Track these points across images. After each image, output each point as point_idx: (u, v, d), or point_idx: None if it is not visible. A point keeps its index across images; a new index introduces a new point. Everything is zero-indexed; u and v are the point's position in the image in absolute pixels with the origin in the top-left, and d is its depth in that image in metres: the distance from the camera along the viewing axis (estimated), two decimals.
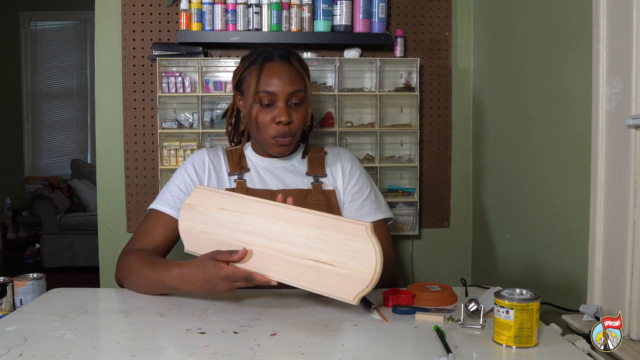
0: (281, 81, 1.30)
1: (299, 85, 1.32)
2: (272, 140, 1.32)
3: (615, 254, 1.16)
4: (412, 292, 1.12)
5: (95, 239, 2.00)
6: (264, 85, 1.30)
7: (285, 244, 1.00)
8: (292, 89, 1.31)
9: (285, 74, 1.31)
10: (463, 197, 2.09)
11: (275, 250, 1.01)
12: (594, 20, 1.21)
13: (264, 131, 1.32)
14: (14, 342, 0.89)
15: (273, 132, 1.31)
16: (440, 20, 2.03)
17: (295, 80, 1.32)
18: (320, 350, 0.87)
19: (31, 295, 1.19)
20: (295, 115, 1.32)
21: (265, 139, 1.33)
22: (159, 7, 1.94)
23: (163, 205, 1.33)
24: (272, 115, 1.31)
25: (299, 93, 1.32)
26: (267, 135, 1.32)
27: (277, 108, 1.30)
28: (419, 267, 2.10)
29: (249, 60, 1.36)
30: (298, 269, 0.98)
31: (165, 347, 0.89)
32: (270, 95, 1.30)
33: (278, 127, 1.30)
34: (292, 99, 1.31)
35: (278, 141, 1.32)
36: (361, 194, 1.40)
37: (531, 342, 0.89)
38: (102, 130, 1.99)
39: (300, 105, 1.33)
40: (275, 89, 1.30)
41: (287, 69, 1.33)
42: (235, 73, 1.40)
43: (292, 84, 1.31)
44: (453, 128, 2.07)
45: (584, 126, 1.27)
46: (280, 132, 1.31)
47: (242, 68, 1.37)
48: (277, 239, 1.01)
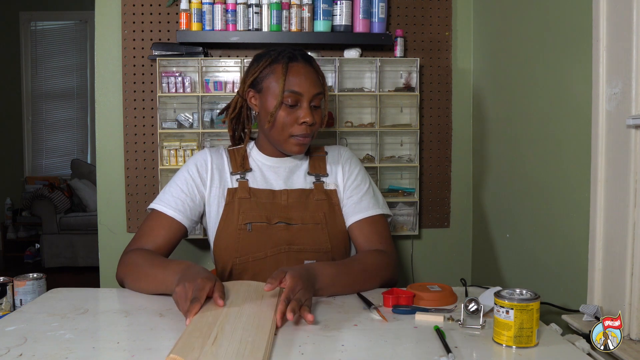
0: (307, 82, 1.31)
1: (320, 88, 1.34)
2: (292, 140, 1.33)
3: (615, 254, 1.16)
4: (412, 292, 1.12)
5: (95, 239, 2.00)
6: (291, 85, 1.31)
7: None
8: (316, 91, 1.32)
9: (310, 75, 1.33)
10: (463, 197, 2.09)
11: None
12: (594, 20, 1.20)
13: (284, 130, 1.32)
14: (14, 342, 0.89)
15: (295, 131, 1.32)
16: (440, 20, 2.03)
17: (317, 82, 1.34)
18: (320, 350, 0.87)
19: (31, 295, 1.19)
20: (317, 117, 1.34)
21: (284, 138, 1.33)
22: (159, 7, 1.94)
23: (164, 206, 1.33)
24: (296, 116, 1.31)
25: (319, 95, 1.34)
26: (287, 134, 1.33)
27: (301, 108, 1.31)
28: (419, 267, 2.10)
29: (269, 59, 1.35)
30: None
31: (165, 347, 0.89)
32: (296, 96, 1.31)
33: (301, 127, 1.32)
34: (314, 101, 1.33)
35: (298, 140, 1.33)
36: (360, 189, 1.40)
37: (531, 342, 0.89)
38: (102, 130, 1.99)
39: (319, 107, 1.35)
40: (302, 89, 1.31)
41: (311, 70, 1.34)
42: (251, 71, 1.37)
43: (316, 86, 1.33)
44: (453, 128, 2.07)
45: (584, 126, 1.27)
46: (303, 132, 1.32)
47: (262, 66, 1.35)
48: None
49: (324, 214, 1.36)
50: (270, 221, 1.33)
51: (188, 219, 1.34)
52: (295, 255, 1.32)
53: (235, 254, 1.32)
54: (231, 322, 0.93)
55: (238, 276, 1.34)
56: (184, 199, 1.34)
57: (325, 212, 1.36)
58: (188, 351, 0.81)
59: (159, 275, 1.15)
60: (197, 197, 1.36)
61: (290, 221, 1.33)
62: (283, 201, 1.36)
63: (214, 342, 0.85)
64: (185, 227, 1.34)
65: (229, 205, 1.35)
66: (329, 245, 1.34)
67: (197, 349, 0.82)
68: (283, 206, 1.35)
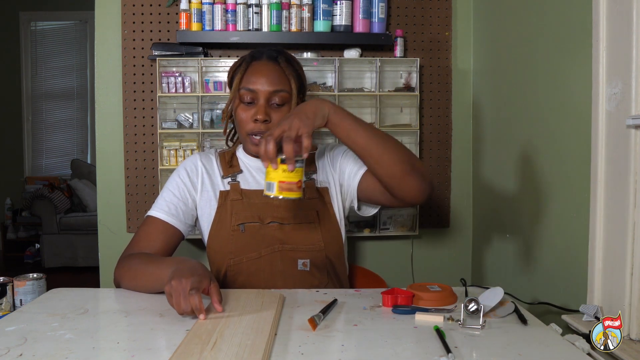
0: (263, 80, 1.31)
1: (282, 86, 1.32)
2: (249, 138, 1.33)
3: (615, 254, 1.16)
4: (412, 292, 1.12)
5: (95, 239, 2.00)
6: (246, 82, 1.32)
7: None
8: (274, 89, 1.31)
9: (270, 73, 1.32)
10: (463, 197, 2.09)
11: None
12: (594, 20, 1.21)
13: (243, 128, 1.33)
14: (14, 342, 0.89)
15: (249, 129, 1.32)
16: (440, 20, 2.03)
17: (279, 80, 1.32)
18: (320, 350, 0.87)
19: (31, 295, 1.19)
20: (275, 115, 1.32)
21: (244, 137, 1.34)
22: (159, 7, 1.94)
23: (158, 211, 1.33)
24: (251, 113, 1.31)
25: (281, 93, 1.32)
26: (245, 132, 1.33)
27: (255, 106, 1.31)
28: (419, 267, 2.10)
29: (241, 60, 1.38)
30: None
31: (165, 347, 0.89)
32: (251, 93, 1.31)
33: (255, 124, 1.31)
34: (274, 99, 1.32)
35: (253, 140, 1.32)
36: (355, 157, 1.36)
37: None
38: (102, 130, 1.99)
39: (282, 106, 1.33)
40: (256, 87, 1.31)
41: (273, 68, 1.33)
42: (229, 73, 1.42)
43: (275, 84, 1.31)
44: (453, 128, 2.07)
45: (584, 126, 1.27)
46: (257, 130, 1.31)
47: (234, 67, 1.39)
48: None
49: (317, 212, 1.35)
50: (263, 221, 1.32)
51: (182, 223, 1.34)
52: (289, 254, 1.32)
53: (230, 255, 1.32)
54: (231, 328, 0.93)
55: (233, 277, 1.33)
56: (176, 203, 1.34)
57: (318, 210, 1.35)
58: (187, 357, 0.81)
59: (154, 271, 1.14)
60: (189, 200, 1.36)
61: (282, 220, 1.33)
62: (275, 201, 1.34)
63: (213, 347, 0.85)
64: (180, 232, 1.34)
65: (222, 207, 1.34)
66: (322, 244, 1.34)
67: (196, 354, 0.82)
68: (275, 206, 1.34)
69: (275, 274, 1.32)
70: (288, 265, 1.32)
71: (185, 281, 0.99)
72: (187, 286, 0.98)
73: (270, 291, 1.15)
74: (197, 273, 1.02)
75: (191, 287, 0.98)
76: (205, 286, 1.02)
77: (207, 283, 1.02)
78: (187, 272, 1.02)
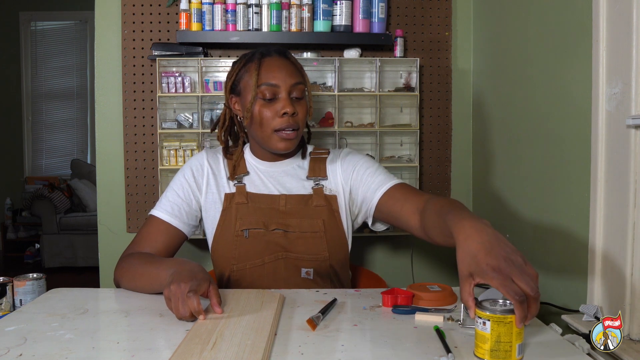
0: (282, 73, 1.28)
1: (299, 78, 1.31)
2: (275, 136, 1.29)
3: (615, 254, 1.16)
4: (412, 292, 1.12)
5: (95, 239, 2.00)
6: (265, 78, 1.28)
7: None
8: (294, 81, 1.29)
9: (285, 66, 1.30)
10: (463, 197, 2.09)
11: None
12: (594, 20, 1.21)
13: (267, 126, 1.28)
14: (14, 342, 0.89)
15: (277, 125, 1.28)
16: (440, 20, 2.03)
17: (295, 73, 1.31)
18: (320, 350, 0.87)
19: (31, 295, 1.19)
20: (299, 108, 1.30)
21: (268, 135, 1.29)
22: (159, 7, 1.94)
23: (161, 212, 1.32)
24: (276, 109, 1.28)
25: (300, 85, 1.30)
26: (270, 129, 1.28)
27: (280, 101, 1.28)
28: (419, 267, 2.10)
29: (243, 60, 1.34)
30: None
31: (165, 347, 0.89)
32: (273, 88, 1.28)
33: (282, 119, 1.27)
34: (294, 92, 1.29)
35: (282, 135, 1.28)
36: (371, 169, 1.34)
37: (510, 357, 0.82)
38: (102, 130, 1.99)
39: (302, 99, 1.31)
40: (277, 81, 1.28)
41: (286, 62, 1.32)
42: (229, 75, 1.36)
43: (293, 77, 1.30)
44: (453, 128, 2.07)
45: (584, 126, 1.27)
46: (285, 125, 1.27)
47: (237, 68, 1.34)
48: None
49: (323, 221, 1.32)
50: (267, 227, 1.30)
51: (185, 224, 1.32)
52: (292, 262, 1.30)
53: (233, 261, 1.31)
54: (231, 328, 0.93)
55: (236, 282, 1.32)
56: (180, 203, 1.32)
57: (325, 219, 1.32)
58: (187, 357, 0.81)
59: (153, 272, 1.13)
60: (193, 201, 1.34)
61: (287, 228, 1.30)
62: (281, 207, 1.32)
63: (213, 347, 0.85)
64: (182, 232, 1.32)
65: (227, 210, 1.33)
66: (327, 254, 1.31)
67: (196, 354, 0.82)
68: (281, 212, 1.31)
69: (278, 281, 1.30)
70: (291, 273, 1.31)
71: (184, 285, 0.98)
72: (186, 290, 0.97)
73: (270, 291, 1.15)
74: (196, 277, 1.01)
75: (190, 290, 0.98)
76: (204, 290, 1.01)
77: (206, 286, 1.01)
78: (186, 276, 1.01)
